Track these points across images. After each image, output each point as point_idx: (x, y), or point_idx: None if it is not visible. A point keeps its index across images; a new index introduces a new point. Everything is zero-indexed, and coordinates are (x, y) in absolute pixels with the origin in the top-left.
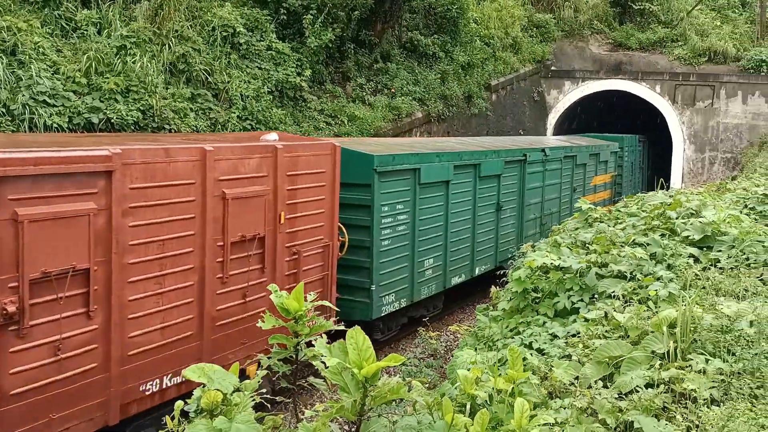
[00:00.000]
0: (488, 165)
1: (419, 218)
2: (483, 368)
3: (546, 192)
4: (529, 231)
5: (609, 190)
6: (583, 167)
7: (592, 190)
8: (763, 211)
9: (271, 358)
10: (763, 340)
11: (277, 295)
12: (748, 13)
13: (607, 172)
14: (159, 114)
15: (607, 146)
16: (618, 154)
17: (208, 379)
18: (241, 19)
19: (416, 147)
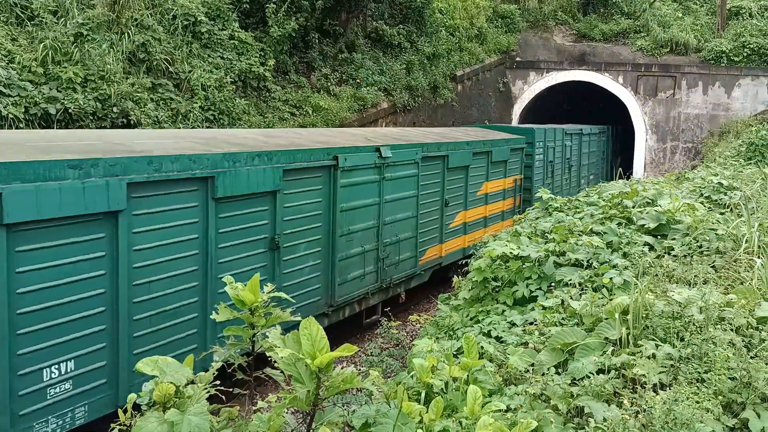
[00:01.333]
0: None
1: None
2: (439, 357)
3: (385, 211)
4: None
5: (511, 199)
6: (463, 171)
7: (482, 200)
8: (717, 199)
9: (227, 350)
10: (711, 325)
11: (232, 287)
12: (709, 4)
13: (507, 175)
14: (118, 104)
15: (505, 142)
16: (526, 151)
17: (160, 372)
18: (202, 7)
19: None
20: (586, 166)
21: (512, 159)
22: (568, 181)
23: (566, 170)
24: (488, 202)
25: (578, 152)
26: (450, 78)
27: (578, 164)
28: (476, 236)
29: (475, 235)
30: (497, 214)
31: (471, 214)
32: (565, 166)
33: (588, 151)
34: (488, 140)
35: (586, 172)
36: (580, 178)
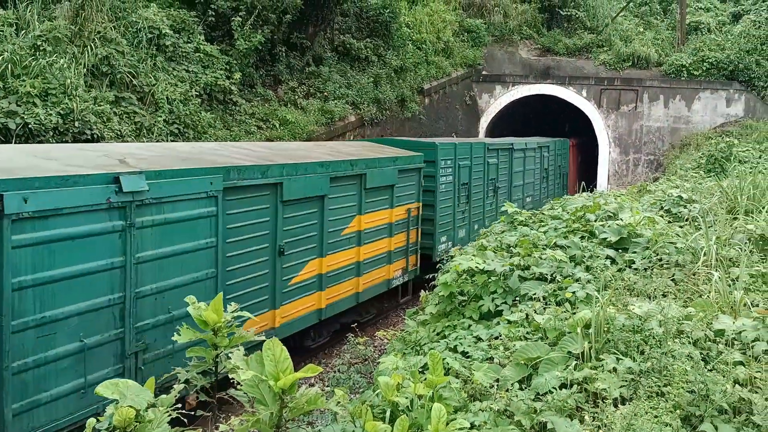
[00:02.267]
0: None
1: None
2: (405, 374)
3: (141, 275)
4: None
5: (403, 234)
6: (314, 204)
7: (352, 241)
8: (677, 213)
9: (189, 371)
10: (670, 339)
11: (194, 307)
12: (669, 19)
13: (396, 204)
14: (80, 118)
15: (390, 162)
16: (426, 172)
17: (120, 396)
18: (167, 20)
19: None
20: (522, 187)
21: (403, 183)
22: (493, 206)
23: (490, 194)
24: (364, 242)
25: (509, 171)
26: (417, 91)
27: (509, 185)
28: (345, 289)
29: (343, 288)
30: (381, 256)
31: (332, 261)
32: (488, 189)
33: (527, 168)
34: (360, 160)
35: (521, 194)
36: (512, 202)
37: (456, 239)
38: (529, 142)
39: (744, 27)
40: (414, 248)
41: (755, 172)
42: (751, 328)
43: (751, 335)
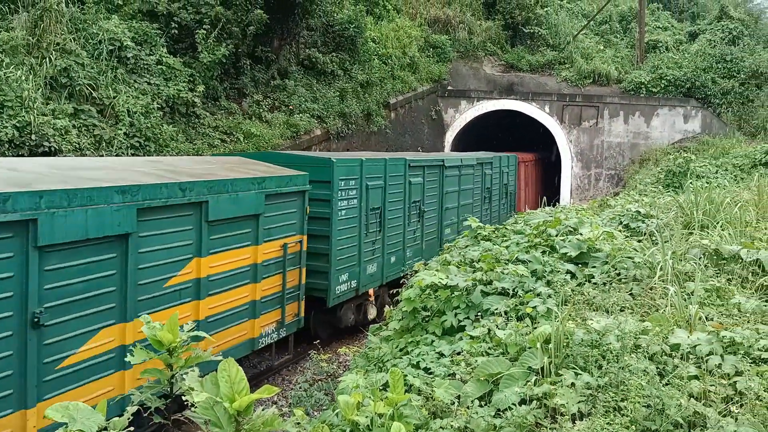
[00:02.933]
0: None
1: None
2: (365, 392)
3: None
4: None
5: (276, 277)
6: (113, 247)
7: (186, 293)
8: (635, 227)
9: (143, 392)
10: (627, 353)
11: (149, 327)
12: (628, 38)
13: (262, 239)
14: (37, 131)
15: (254, 184)
16: (317, 195)
17: (70, 419)
18: (129, 32)
19: None
20: (456, 209)
21: (274, 211)
22: (419, 233)
23: (414, 219)
24: (207, 293)
25: (439, 192)
26: (383, 105)
27: (439, 209)
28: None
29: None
30: (239, 309)
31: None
32: (410, 214)
33: (463, 188)
34: (198, 182)
35: (456, 217)
36: (442, 228)
37: (363, 276)
38: (465, 158)
39: (700, 46)
40: (295, 293)
41: (711, 188)
42: (706, 342)
43: (706, 349)
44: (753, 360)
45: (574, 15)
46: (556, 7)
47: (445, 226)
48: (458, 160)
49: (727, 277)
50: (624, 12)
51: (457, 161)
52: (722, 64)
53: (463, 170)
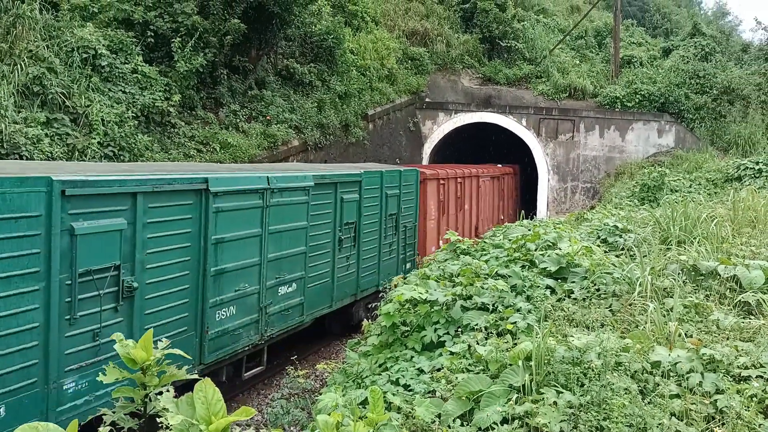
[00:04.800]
0: None
1: None
2: (345, 411)
3: None
4: None
5: None
6: None
7: None
8: (613, 242)
9: (115, 412)
10: (609, 371)
11: (122, 345)
12: (603, 53)
13: None
14: (9, 140)
15: None
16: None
17: None
18: (103, 40)
19: None
20: (258, 269)
21: None
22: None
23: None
24: None
25: (199, 242)
26: (361, 117)
27: (198, 277)
28: None
29: None
30: None
31: None
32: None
33: (279, 229)
34: None
35: (259, 281)
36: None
37: None
38: (294, 177)
39: (674, 62)
40: None
41: (686, 202)
42: (686, 359)
43: (686, 367)
44: (733, 378)
45: (551, 30)
46: (533, 22)
47: (216, 323)
48: (262, 180)
49: (705, 293)
50: (599, 27)
51: (257, 181)
52: (695, 80)
53: (285, 198)
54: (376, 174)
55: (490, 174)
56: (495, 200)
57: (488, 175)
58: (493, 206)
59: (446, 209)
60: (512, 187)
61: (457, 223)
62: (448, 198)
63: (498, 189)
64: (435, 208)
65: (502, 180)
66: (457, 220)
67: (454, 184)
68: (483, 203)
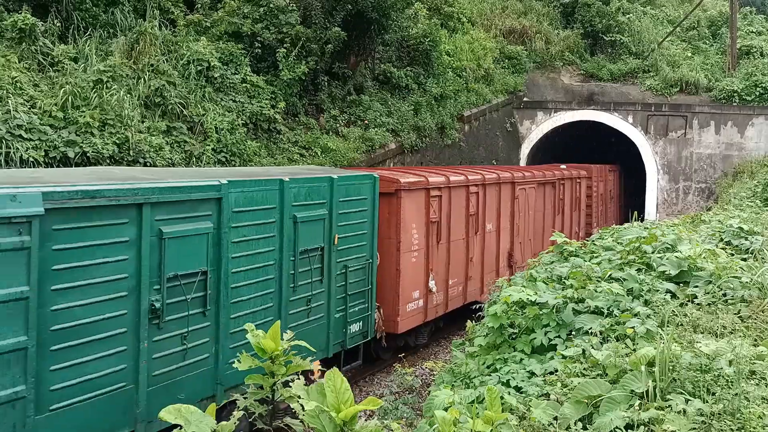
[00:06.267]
0: None
1: None
2: (461, 409)
3: None
4: None
5: None
6: None
7: None
8: (738, 245)
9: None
10: (743, 379)
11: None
12: (718, 44)
13: None
14: (135, 148)
15: None
16: None
17: (185, 421)
18: (216, 53)
19: None
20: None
21: None
22: None
23: None
24: None
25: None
26: (457, 118)
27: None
28: None
29: None
30: None
31: None
32: None
33: None
34: None
35: None
36: None
37: None
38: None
39: None
40: None
41: None
42: None
43: None
44: None
45: (659, 21)
46: (639, 14)
47: None
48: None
49: None
50: (713, 17)
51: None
52: None
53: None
54: (265, 185)
55: (539, 179)
56: (548, 215)
57: (534, 180)
58: (545, 224)
59: (444, 234)
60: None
61: (470, 252)
62: (448, 216)
63: (555, 199)
64: (421, 234)
65: (570, 185)
66: (469, 249)
67: (461, 195)
68: (524, 221)
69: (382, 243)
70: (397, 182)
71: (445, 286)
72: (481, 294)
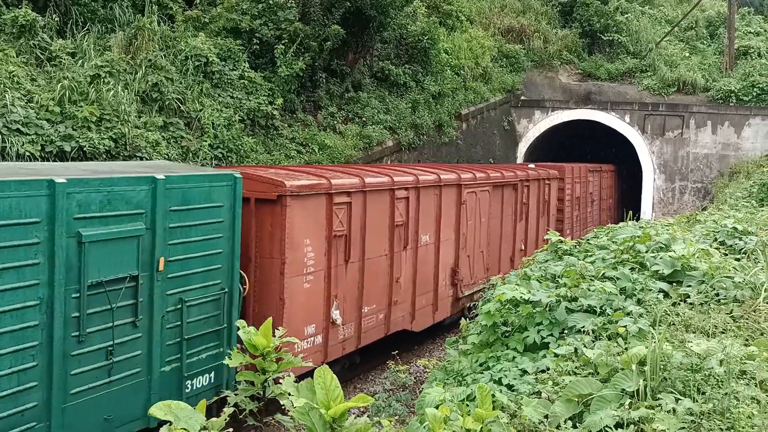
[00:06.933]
0: None
1: None
2: (452, 407)
3: None
4: None
5: None
6: None
7: None
8: (732, 245)
9: (238, 394)
10: (733, 379)
11: (245, 331)
12: (716, 44)
13: None
14: (132, 143)
15: None
16: None
17: (174, 418)
18: (214, 48)
19: None
20: None
21: None
22: None
23: None
24: None
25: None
26: (455, 116)
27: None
28: None
29: None
30: None
31: None
32: None
33: None
34: None
35: None
36: None
37: None
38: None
39: None
40: None
41: None
42: None
43: None
44: None
45: (657, 21)
46: (637, 14)
47: None
48: None
49: None
50: (711, 17)
51: None
52: None
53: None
54: (20, 189)
55: (495, 180)
56: (508, 222)
57: (488, 182)
58: (503, 232)
59: (356, 250)
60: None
61: (397, 271)
62: (362, 228)
63: (517, 203)
64: (319, 252)
65: (537, 187)
66: (393, 268)
67: (383, 201)
68: (474, 230)
69: (261, 265)
70: (280, 185)
71: (357, 316)
72: (412, 321)
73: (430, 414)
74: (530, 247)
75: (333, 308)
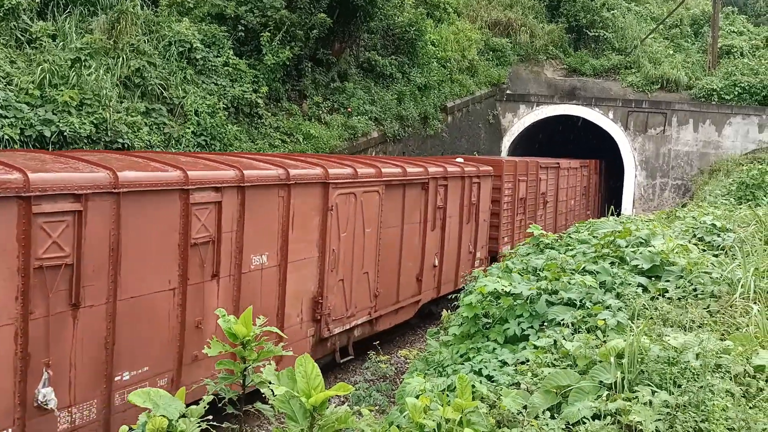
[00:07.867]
0: None
1: None
2: (432, 396)
3: None
4: None
5: None
6: None
7: None
8: (711, 241)
9: (218, 383)
10: (708, 372)
11: (224, 320)
12: (700, 42)
13: None
14: (113, 128)
15: None
16: None
17: (153, 405)
18: (198, 34)
19: None
20: None
21: None
22: None
23: None
24: None
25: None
26: (440, 109)
27: None
28: None
29: None
30: None
31: None
32: None
33: None
34: None
35: None
36: None
37: None
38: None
39: None
40: None
41: None
42: None
43: None
44: None
45: (643, 18)
46: (623, 10)
47: None
48: None
49: None
50: (696, 16)
51: None
52: None
53: None
54: None
55: (394, 178)
56: (412, 232)
57: (379, 180)
58: (403, 246)
59: (99, 289)
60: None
61: (196, 314)
62: (113, 252)
63: (428, 207)
64: (8, 297)
65: (459, 187)
66: (187, 310)
67: (166, 208)
68: (352, 245)
69: None
70: None
71: (104, 390)
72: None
73: (411, 403)
74: (450, 261)
75: (42, 384)
